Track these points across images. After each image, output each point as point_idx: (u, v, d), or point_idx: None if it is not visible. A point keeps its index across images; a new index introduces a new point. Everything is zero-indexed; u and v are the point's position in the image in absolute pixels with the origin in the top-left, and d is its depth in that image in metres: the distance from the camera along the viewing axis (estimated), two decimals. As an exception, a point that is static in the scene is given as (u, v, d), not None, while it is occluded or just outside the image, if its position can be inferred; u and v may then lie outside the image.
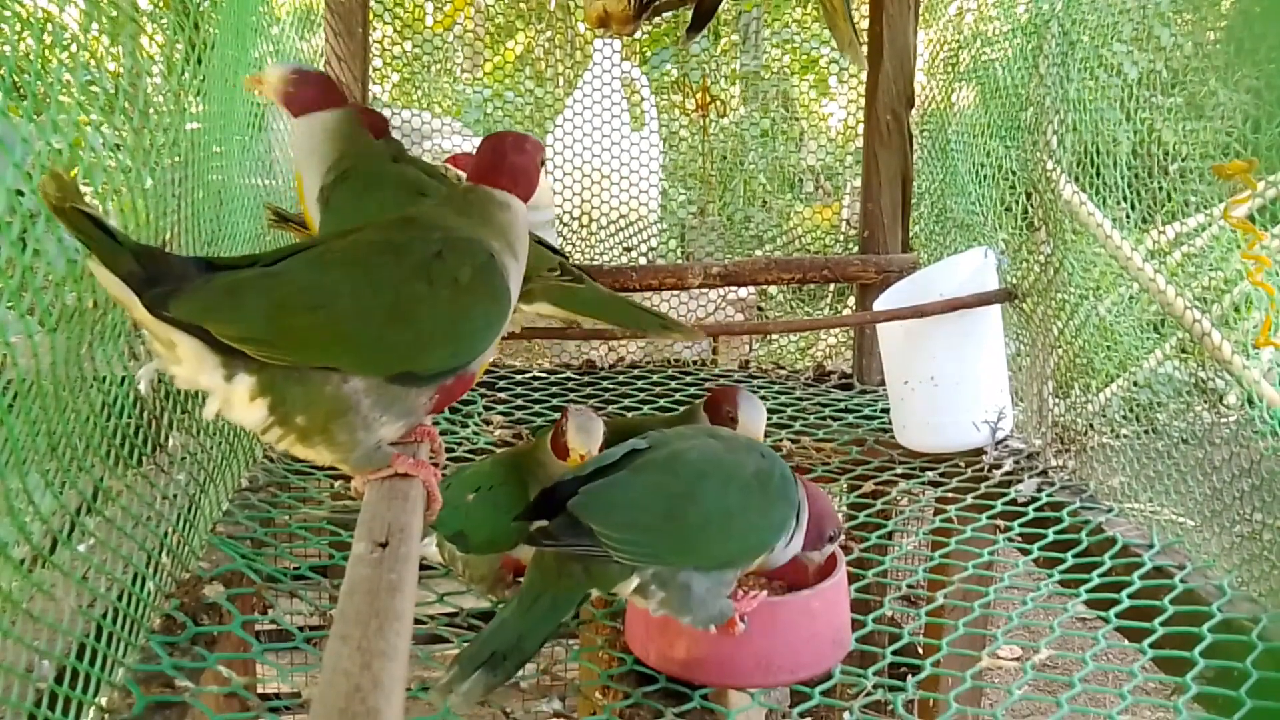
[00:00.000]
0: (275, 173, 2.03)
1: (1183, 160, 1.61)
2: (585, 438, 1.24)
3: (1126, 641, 1.31)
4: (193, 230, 1.45)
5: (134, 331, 1.19)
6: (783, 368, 2.50)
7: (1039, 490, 1.65)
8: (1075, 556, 1.46)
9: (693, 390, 2.17)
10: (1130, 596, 1.33)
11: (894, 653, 1.26)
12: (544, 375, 2.28)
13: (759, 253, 2.69)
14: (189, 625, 1.16)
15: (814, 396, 2.18)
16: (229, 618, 1.20)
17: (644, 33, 2.63)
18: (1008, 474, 1.73)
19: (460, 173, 1.82)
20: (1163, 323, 1.81)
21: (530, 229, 2.29)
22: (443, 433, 1.76)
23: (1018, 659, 2.54)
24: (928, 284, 1.85)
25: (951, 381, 1.77)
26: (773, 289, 2.76)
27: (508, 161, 1.10)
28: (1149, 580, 1.36)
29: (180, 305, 0.93)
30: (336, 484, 1.68)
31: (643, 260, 2.59)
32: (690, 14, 1.90)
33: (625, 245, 2.59)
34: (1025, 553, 1.53)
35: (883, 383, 2.13)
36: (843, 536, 1.22)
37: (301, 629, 1.26)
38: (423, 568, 1.22)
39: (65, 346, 0.99)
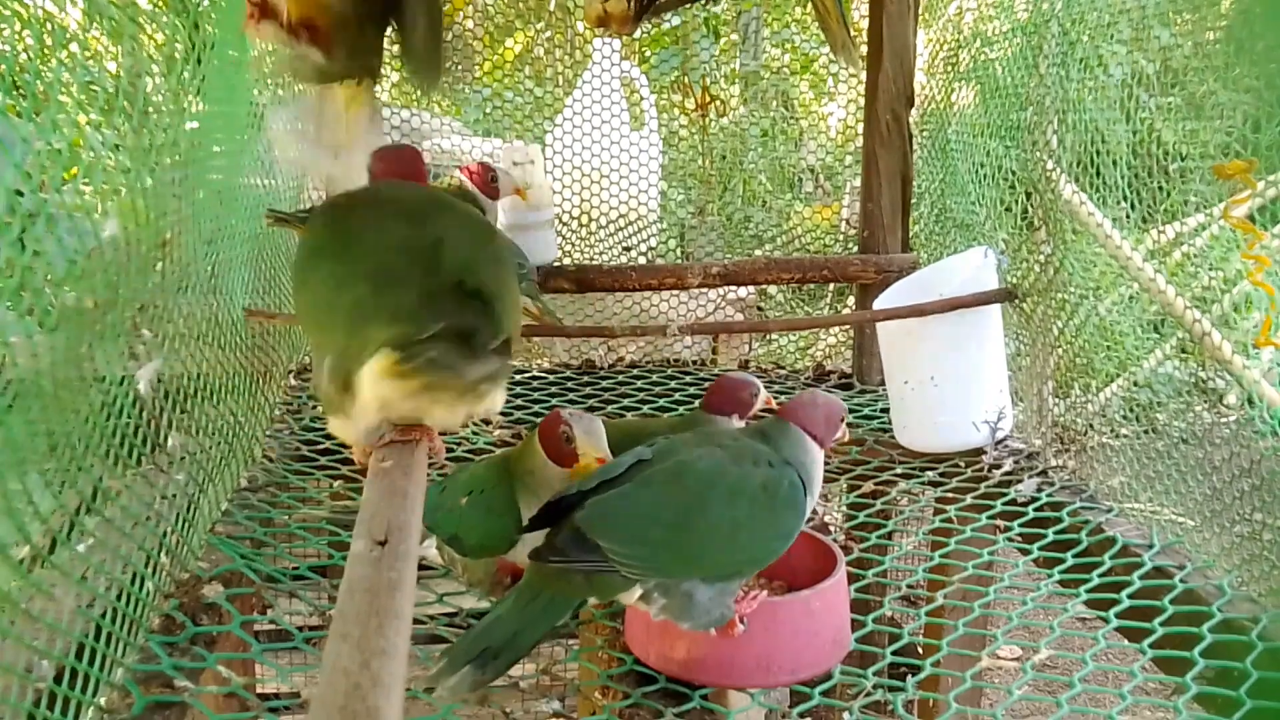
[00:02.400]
0: (275, 173, 2.03)
1: (1183, 160, 1.61)
2: (596, 441, 1.24)
3: (1126, 641, 1.31)
4: (192, 230, 1.45)
5: (133, 332, 1.19)
6: (782, 367, 2.50)
7: (1039, 490, 1.65)
8: (1075, 556, 1.46)
9: (692, 390, 2.16)
10: (1130, 596, 1.33)
11: (894, 653, 1.26)
12: (543, 375, 2.28)
13: (759, 252, 2.69)
14: (188, 625, 1.16)
15: (814, 396, 2.17)
16: (228, 618, 1.20)
17: (644, 32, 2.62)
18: (1007, 474, 1.73)
19: (467, 180, 1.83)
20: (1163, 323, 1.81)
21: (530, 229, 2.30)
22: (442, 432, 1.76)
23: (1017, 659, 2.53)
24: (927, 283, 1.85)
25: (951, 381, 1.77)
26: (773, 289, 2.76)
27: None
28: (1149, 580, 1.36)
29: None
30: (336, 484, 1.68)
31: (642, 260, 2.58)
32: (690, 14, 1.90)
33: (625, 245, 2.59)
34: (1025, 553, 1.53)
35: (882, 382, 2.13)
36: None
37: (301, 629, 1.26)
38: (422, 568, 1.22)
39: (65, 347, 0.99)
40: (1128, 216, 1.69)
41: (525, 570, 1.10)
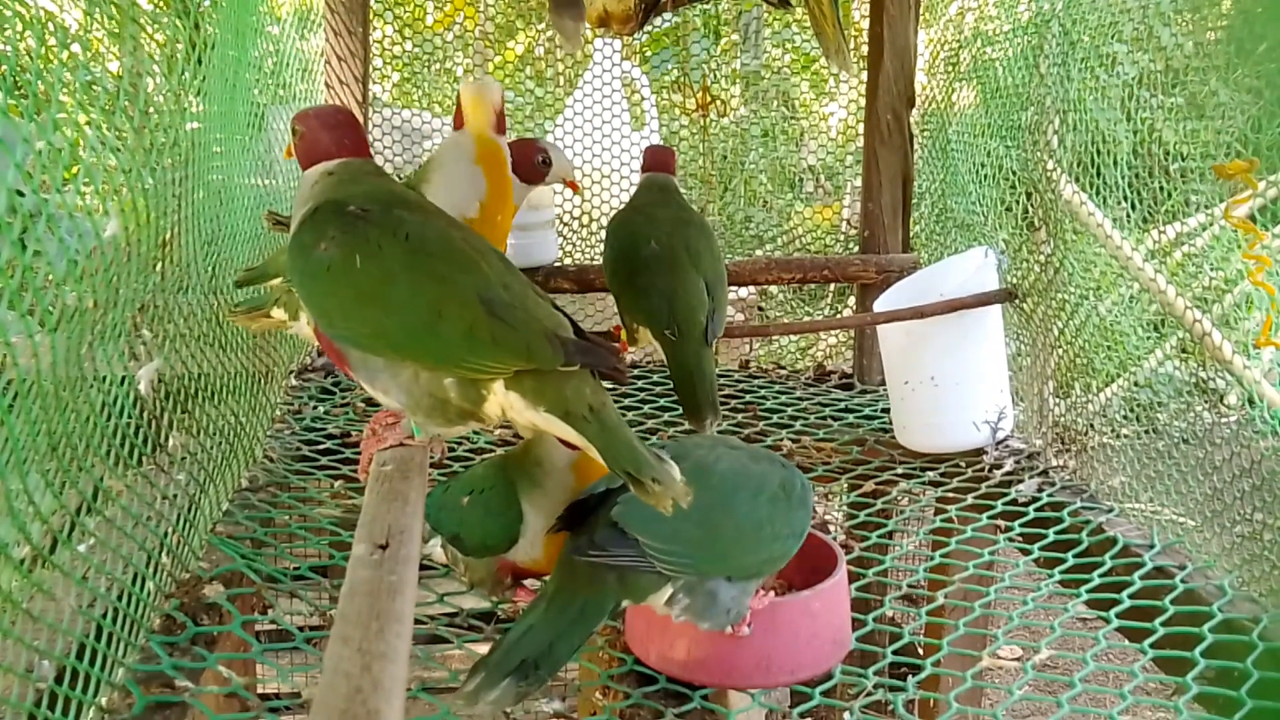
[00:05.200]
0: (275, 173, 2.03)
1: (1183, 160, 1.61)
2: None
3: (1127, 641, 1.31)
4: (193, 230, 1.45)
5: (133, 332, 1.19)
6: (783, 368, 2.50)
7: (1039, 490, 1.65)
8: (1076, 556, 1.46)
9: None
10: (1131, 596, 1.33)
11: (894, 652, 1.26)
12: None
13: (759, 252, 2.69)
14: (189, 625, 1.16)
15: (814, 396, 2.18)
16: (229, 618, 1.20)
17: (644, 33, 2.62)
18: (1008, 474, 1.73)
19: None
20: (1163, 323, 1.81)
21: (531, 229, 2.28)
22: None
23: (1018, 659, 2.53)
24: (928, 284, 1.85)
25: (952, 381, 1.77)
26: (773, 289, 2.76)
27: None
28: (1149, 580, 1.36)
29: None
30: (336, 484, 1.68)
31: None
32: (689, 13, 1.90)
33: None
34: (1026, 553, 1.53)
35: (883, 383, 2.13)
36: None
37: (301, 629, 1.26)
38: (423, 567, 1.22)
39: (65, 346, 0.99)
40: (1128, 216, 1.69)
41: (553, 577, 1.09)
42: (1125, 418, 1.74)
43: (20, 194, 0.90)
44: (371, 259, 1.08)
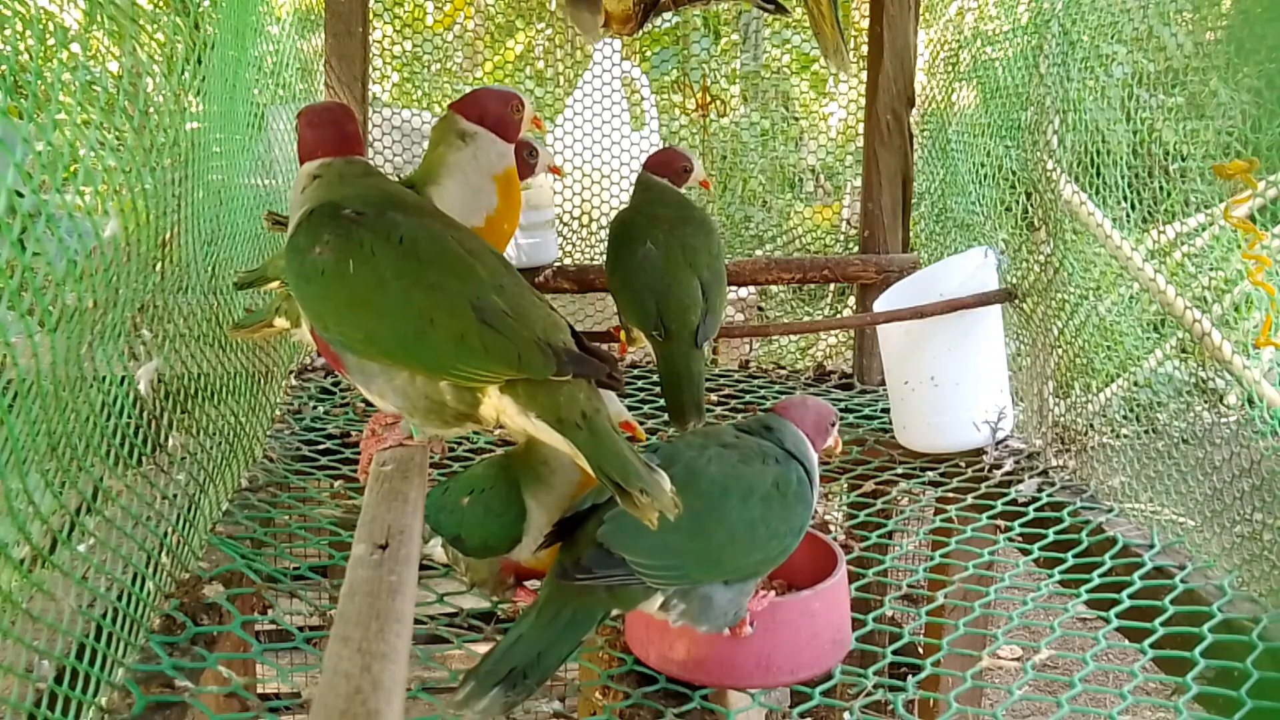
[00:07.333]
0: (275, 173, 2.03)
1: (1183, 160, 1.61)
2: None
3: (1127, 641, 1.31)
4: (192, 230, 1.45)
5: (133, 332, 1.19)
6: (783, 368, 2.50)
7: (1039, 490, 1.65)
8: (1075, 556, 1.46)
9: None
10: (1130, 596, 1.33)
11: (894, 652, 1.26)
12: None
13: (759, 252, 2.69)
14: (189, 625, 1.16)
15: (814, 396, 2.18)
16: (229, 618, 1.20)
17: (644, 32, 2.62)
18: (1008, 474, 1.73)
19: None
20: (1163, 323, 1.81)
21: (531, 229, 2.29)
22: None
23: (1018, 659, 2.54)
24: (928, 284, 1.85)
25: (951, 381, 1.77)
26: (773, 288, 2.76)
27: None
28: (1149, 580, 1.36)
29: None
30: (336, 484, 1.68)
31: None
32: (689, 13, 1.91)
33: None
34: (1025, 553, 1.53)
35: (883, 383, 2.13)
36: (838, 421, 1.27)
37: (301, 629, 1.26)
38: (423, 567, 1.21)
39: (65, 346, 0.99)
40: (1128, 216, 1.69)
41: (544, 586, 1.08)
42: (1125, 418, 1.74)
43: (20, 194, 0.90)
44: (365, 264, 1.08)
